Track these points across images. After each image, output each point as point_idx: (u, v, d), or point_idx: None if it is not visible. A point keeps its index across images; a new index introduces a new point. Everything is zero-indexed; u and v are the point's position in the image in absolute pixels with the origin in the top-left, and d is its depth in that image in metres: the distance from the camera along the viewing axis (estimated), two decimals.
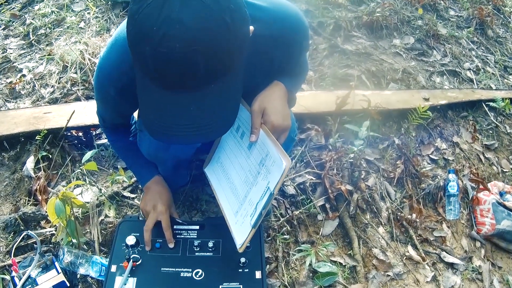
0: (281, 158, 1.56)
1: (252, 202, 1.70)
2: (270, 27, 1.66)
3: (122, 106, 1.87)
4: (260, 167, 1.70)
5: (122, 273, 2.04)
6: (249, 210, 1.71)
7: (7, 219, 2.43)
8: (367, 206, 2.93)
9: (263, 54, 1.73)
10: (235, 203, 1.86)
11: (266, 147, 1.67)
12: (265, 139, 1.67)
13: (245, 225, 1.72)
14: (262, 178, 1.67)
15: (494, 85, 4.48)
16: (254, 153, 1.75)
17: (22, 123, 2.87)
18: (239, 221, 1.77)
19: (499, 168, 3.64)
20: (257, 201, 1.67)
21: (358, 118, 3.15)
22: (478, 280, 2.80)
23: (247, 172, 1.79)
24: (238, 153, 1.88)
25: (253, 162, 1.76)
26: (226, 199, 1.95)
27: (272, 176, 1.62)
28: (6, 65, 3.69)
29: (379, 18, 4.60)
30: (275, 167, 1.60)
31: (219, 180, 2.03)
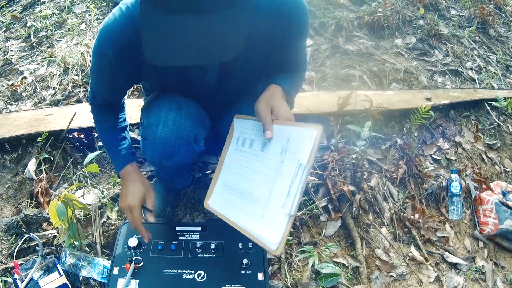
0: (308, 129, 1.57)
1: (281, 192, 1.64)
2: (274, 1, 1.70)
3: (117, 75, 1.84)
4: (282, 156, 1.68)
5: (124, 275, 2.03)
6: (279, 203, 1.64)
7: (9, 222, 2.43)
8: (369, 207, 2.93)
9: (264, 30, 1.75)
10: (257, 210, 1.78)
11: (285, 134, 1.67)
12: (282, 128, 1.68)
13: (279, 221, 1.64)
14: (288, 163, 1.65)
15: (496, 85, 4.48)
16: (271, 149, 1.74)
17: (24, 125, 2.87)
18: (268, 223, 1.70)
19: (501, 167, 3.63)
20: (289, 185, 1.62)
21: (360, 118, 3.15)
22: (481, 280, 2.79)
23: (266, 172, 1.75)
24: (250, 162, 1.85)
25: (271, 158, 1.74)
26: (244, 215, 1.86)
27: (301, 154, 1.60)
28: (7, 67, 3.69)
29: (381, 18, 4.60)
30: (304, 142, 1.59)
31: (229, 203, 1.94)
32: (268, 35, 1.79)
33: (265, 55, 1.94)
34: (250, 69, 1.95)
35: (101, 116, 2.15)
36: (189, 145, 1.96)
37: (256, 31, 1.75)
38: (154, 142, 1.89)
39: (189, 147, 1.98)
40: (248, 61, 1.87)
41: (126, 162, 2.10)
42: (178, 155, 1.99)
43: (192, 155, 2.09)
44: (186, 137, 1.91)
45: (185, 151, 1.99)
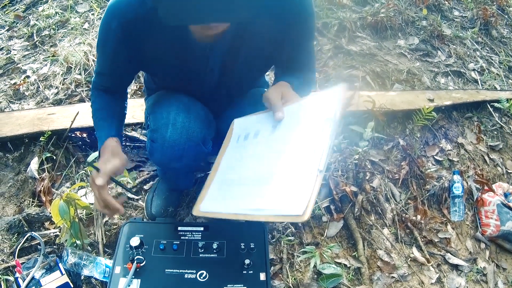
0: (331, 90, 1.56)
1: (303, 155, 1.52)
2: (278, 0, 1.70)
3: (120, 53, 1.82)
4: (300, 127, 1.61)
5: (126, 274, 2.03)
6: (300, 166, 1.51)
7: (11, 220, 2.43)
8: (371, 208, 2.93)
9: (268, 30, 1.77)
10: (268, 187, 1.59)
11: (299, 109, 1.65)
12: (295, 105, 1.67)
13: (303, 182, 1.45)
14: (309, 127, 1.57)
15: (498, 86, 4.48)
16: (284, 126, 1.69)
17: (26, 124, 2.87)
18: (287, 191, 1.50)
19: (504, 169, 3.63)
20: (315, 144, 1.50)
21: (363, 119, 3.14)
22: (482, 282, 2.79)
23: (279, 149, 1.65)
24: (255, 150, 1.78)
25: (286, 134, 1.66)
26: (252, 200, 1.63)
27: (325, 112, 1.54)
28: (10, 66, 3.69)
29: (384, 19, 4.61)
30: (327, 102, 1.56)
31: (229, 198, 1.75)
32: (272, 36, 1.80)
33: (267, 55, 1.94)
34: (251, 67, 1.96)
35: (100, 98, 2.09)
36: (198, 147, 1.97)
37: (259, 31, 1.76)
38: (163, 145, 1.89)
39: (198, 148, 1.98)
40: (250, 60, 1.88)
41: (106, 137, 1.97)
42: (187, 157, 1.99)
43: (200, 157, 2.09)
44: (195, 140, 1.92)
45: (194, 153, 1.99)
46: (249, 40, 1.78)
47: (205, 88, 2.00)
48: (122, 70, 1.96)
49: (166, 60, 1.86)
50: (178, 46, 1.77)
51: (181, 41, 1.74)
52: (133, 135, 3.06)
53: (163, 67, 1.93)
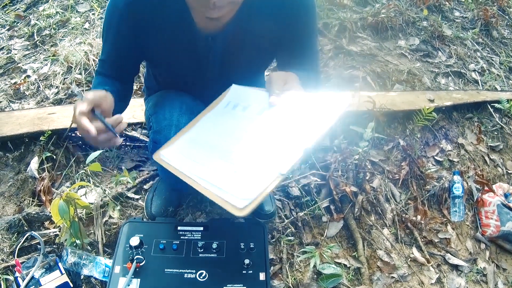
0: (337, 95, 1.53)
1: (282, 149, 1.51)
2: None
3: (123, 35, 1.81)
4: (296, 117, 1.59)
5: (125, 274, 2.04)
6: (268, 160, 1.50)
7: (11, 220, 2.43)
8: (371, 208, 2.93)
9: (269, 30, 1.79)
10: (231, 165, 1.59)
11: (299, 100, 1.62)
12: (302, 94, 1.63)
13: (265, 176, 1.44)
14: (306, 123, 1.54)
15: (499, 86, 4.48)
16: (274, 113, 1.66)
17: (26, 124, 2.87)
18: (243, 179, 1.50)
19: (504, 169, 3.62)
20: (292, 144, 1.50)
21: (363, 119, 3.14)
22: (482, 282, 2.79)
23: (260, 132, 1.65)
24: (237, 123, 1.75)
25: (273, 121, 1.64)
26: (208, 170, 1.61)
27: (325, 116, 1.51)
28: (10, 65, 3.70)
29: (384, 19, 4.60)
30: (329, 105, 1.54)
31: (190, 158, 1.72)
32: (273, 31, 1.80)
33: (268, 50, 1.95)
34: (252, 61, 1.96)
35: (100, 79, 1.96)
36: None
37: (260, 26, 1.76)
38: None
39: None
40: (251, 53, 1.88)
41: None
42: None
43: None
44: None
45: None
46: (250, 33, 1.78)
47: (206, 81, 1.99)
48: (124, 54, 1.91)
49: (168, 48, 1.86)
50: (181, 33, 1.77)
51: (184, 28, 1.74)
52: (133, 135, 3.06)
53: (165, 55, 1.92)
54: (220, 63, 1.91)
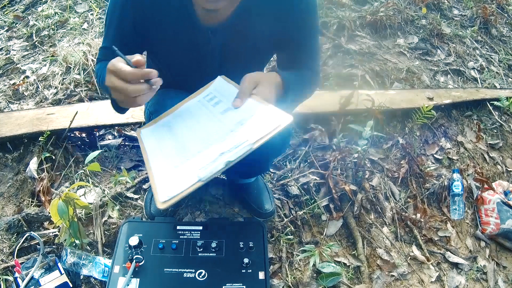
0: (280, 112, 1.50)
1: (212, 155, 1.52)
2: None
3: (126, 22, 1.81)
4: (237, 126, 1.59)
5: (125, 274, 2.04)
6: (201, 164, 1.52)
7: (10, 220, 2.43)
8: (371, 206, 2.93)
9: (269, 31, 1.80)
10: (178, 159, 1.65)
11: (256, 108, 1.59)
12: (257, 103, 1.61)
13: (186, 179, 1.50)
14: (237, 135, 1.55)
15: (498, 84, 4.47)
16: (230, 116, 1.66)
17: (26, 125, 2.87)
18: (176, 176, 1.56)
19: (503, 167, 3.62)
20: (222, 153, 1.50)
21: (362, 117, 3.14)
22: (483, 280, 2.79)
23: (211, 132, 1.66)
24: (204, 118, 1.77)
25: (225, 124, 1.65)
26: (160, 158, 1.72)
27: (255, 132, 1.50)
28: (9, 66, 3.70)
29: (383, 18, 4.61)
30: (267, 122, 1.51)
31: (156, 141, 1.82)
32: (273, 32, 1.81)
33: (267, 48, 1.95)
34: (252, 57, 1.97)
35: (102, 65, 1.91)
36: None
37: (259, 23, 1.76)
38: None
39: None
40: (250, 48, 1.89)
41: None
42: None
43: None
44: None
45: None
46: (250, 29, 1.78)
47: (205, 77, 1.99)
48: (127, 40, 1.89)
49: (168, 38, 1.86)
50: (181, 24, 1.78)
51: (185, 19, 1.74)
52: (132, 135, 3.07)
53: (165, 46, 1.92)
54: (220, 58, 1.91)
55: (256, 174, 2.66)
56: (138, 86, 1.47)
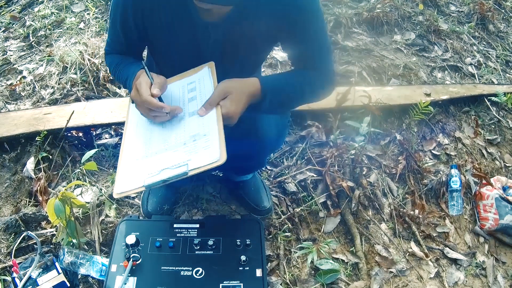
0: (219, 150, 1.53)
1: (159, 165, 1.63)
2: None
3: (128, 17, 1.84)
4: (190, 140, 1.65)
5: (122, 272, 2.04)
6: (151, 170, 1.63)
7: (8, 220, 2.43)
8: (369, 203, 2.93)
9: (266, 29, 1.79)
10: (141, 152, 1.76)
11: (210, 128, 1.63)
12: (215, 121, 1.64)
13: (137, 178, 1.63)
14: (185, 151, 1.62)
15: (496, 80, 4.47)
16: (193, 123, 1.70)
17: (22, 125, 2.87)
18: (133, 171, 1.69)
19: (502, 162, 3.62)
20: (164, 168, 1.60)
21: (359, 114, 3.14)
22: (482, 276, 2.79)
23: (174, 134, 1.73)
24: (178, 94, 1.84)
25: (186, 130, 1.71)
26: (134, 142, 1.82)
27: (196, 158, 1.57)
28: (6, 67, 3.70)
29: (380, 14, 4.60)
30: (207, 154, 1.56)
31: (138, 121, 1.89)
32: (271, 31, 1.80)
33: (266, 49, 1.95)
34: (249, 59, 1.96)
35: (117, 59, 2.07)
36: None
37: (258, 26, 1.76)
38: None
39: None
40: (250, 45, 1.88)
41: (138, 69, 1.88)
42: None
43: None
44: None
45: None
46: (249, 25, 1.77)
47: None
48: (129, 36, 1.95)
49: (169, 33, 1.86)
50: (182, 17, 1.78)
51: (185, 13, 1.74)
52: None
53: (165, 40, 1.92)
54: (219, 53, 1.90)
55: (252, 170, 2.66)
56: (155, 113, 1.71)
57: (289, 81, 1.92)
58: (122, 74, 2.00)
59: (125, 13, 1.84)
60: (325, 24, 1.92)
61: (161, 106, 1.66)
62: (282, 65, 3.84)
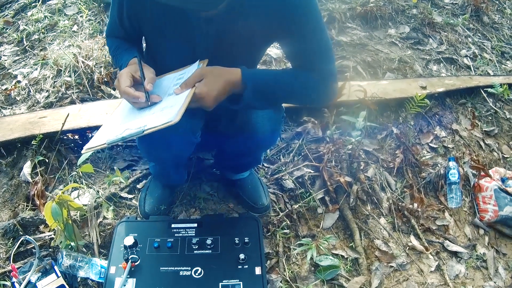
0: (176, 113, 1.57)
1: (125, 128, 1.69)
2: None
3: (122, 10, 1.89)
4: (158, 110, 1.71)
5: (121, 274, 2.04)
6: (117, 132, 1.70)
7: (6, 225, 2.43)
8: (367, 197, 2.92)
9: (261, 27, 1.80)
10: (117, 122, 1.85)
11: (178, 101, 1.67)
12: (184, 96, 1.69)
13: (104, 138, 1.71)
14: (150, 118, 1.68)
15: (491, 71, 4.47)
16: (168, 100, 1.76)
17: (18, 129, 2.86)
18: (104, 133, 1.79)
19: (499, 154, 3.62)
20: (127, 129, 1.67)
21: (355, 109, 3.12)
22: (483, 268, 2.79)
23: (150, 109, 1.77)
24: (160, 93, 1.84)
25: (160, 105, 1.75)
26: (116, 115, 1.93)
27: (154, 119, 1.63)
28: (1, 72, 3.69)
29: (373, 9, 4.60)
30: (164, 116, 1.61)
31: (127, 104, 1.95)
32: (266, 29, 1.80)
33: (261, 47, 1.95)
34: (245, 50, 1.94)
35: (117, 42, 2.13)
36: (185, 135, 1.97)
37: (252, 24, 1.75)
38: (150, 134, 1.86)
39: (186, 138, 1.98)
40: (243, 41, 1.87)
41: (131, 57, 1.97)
42: (175, 147, 2.00)
43: (189, 146, 2.09)
44: (182, 128, 1.89)
45: (182, 142, 1.99)
46: (243, 21, 1.76)
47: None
48: (125, 26, 2.00)
49: (163, 27, 1.87)
50: (175, 12, 1.77)
51: (179, 8, 1.72)
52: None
53: (160, 35, 1.92)
54: (213, 48, 1.89)
55: (248, 167, 2.66)
56: (134, 100, 1.77)
57: (277, 77, 1.92)
58: (118, 60, 2.06)
59: (120, 9, 1.89)
60: (323, 24, 1.88)
61: (136, 96, 1.73)
62: (277, 62, 3.84)
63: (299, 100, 2.06)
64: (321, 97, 1.99)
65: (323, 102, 2.07)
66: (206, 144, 2.29)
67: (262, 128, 2.03)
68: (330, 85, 1.95)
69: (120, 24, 2.00)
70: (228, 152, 2.47)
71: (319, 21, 1.86)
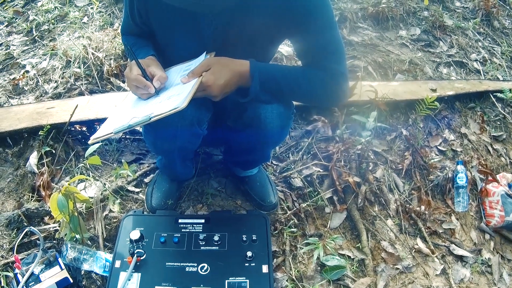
0: (183, 100, 1.57)
1: (132, 116, 1.71)
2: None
3: (133, 6, 1.90)
4: (165, 99, 1.72)
5: (126, 268, 2.03)
6: (124, 121, 1.71)
7: (11, 216, 2.41)
8: (375, 198, 2.91)
9: (266, 24, 1.79)
10: (125, 111, 1.88)
11: (185, 90, 1.67)
12: (191, 85, 1.69)
13: (111, 127, 1.73)
14: (158, 106, 1.68)
15: (501, 76, 4.46)
16: (175, 88, 1.77)
17: (25, 119, 2.85)
18: (111, 123, 1.81)
19: (507, 159, 3.61)
20: (134, 117, 1.68)
21: (365, 109, 3.13)
22: (487, 273, 2.78)
23: (157, 98, 1.78)
24: (174, 76, 1.87)
25: (167, 94, 1.76)
26: (124, 105, 1.96)
27: (161, 107, 1.64)
28: (9, 61, 3.67)
29: (385, 9, 4.59)
30: (171, 103, 1.61)
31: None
32: (273, 26, 1.78)
33: (269, 44, 1.93)
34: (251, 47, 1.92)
35: (133, 39, 2.14)
36: (192, 127, 1.95)
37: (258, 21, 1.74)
38: (156, 125, 1.84)
39: (192, 129, 1.97)
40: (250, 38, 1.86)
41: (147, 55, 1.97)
42: (181, 138, 1.98)
43: (195, 138, 2.07)
44: (188, 119, 1.89)
45: (188, 133, 1.98)
46: (250, 16, 1.75)
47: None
48: (136, 22, 2.01)
49: (171, 21, 1.87)
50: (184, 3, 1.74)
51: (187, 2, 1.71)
52: (134, 128, 3.05)
53: (168, 28, 1.93)
54: (220, 42, 1.89)
55: (257, 164, 2.64)
56: (142, 90, 1.80)
57: (285, 72, 1.90)
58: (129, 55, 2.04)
59: (132, 6, 1.90)
60: (335, 23, 1.85)
61: (147, 85, 1.76)
62: (287, 60, 3.82)
63: (307, 98, 2.03)
64: (329, 97, 1.98)
65: (332, 102, 2.06)
66: (214, 139, 2.29)
67: (271, 123, 2.01)
68: (339, 85, 1.92)
69: (133, 20, 2.00)
70: (236, 148, 2.46)
71: (330, 18, 1.84)
